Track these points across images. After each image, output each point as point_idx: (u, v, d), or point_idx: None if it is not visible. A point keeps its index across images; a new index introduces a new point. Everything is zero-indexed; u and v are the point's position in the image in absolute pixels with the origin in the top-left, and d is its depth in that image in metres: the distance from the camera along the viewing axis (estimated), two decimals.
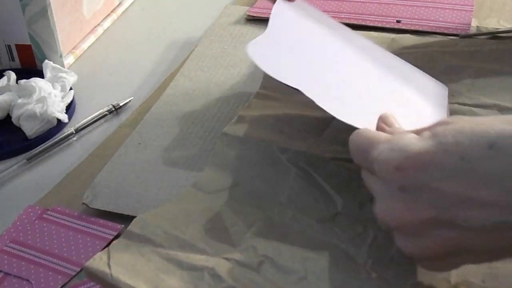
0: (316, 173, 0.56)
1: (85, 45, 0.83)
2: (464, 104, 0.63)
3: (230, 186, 0.56)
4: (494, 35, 0.74)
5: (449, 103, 0.63)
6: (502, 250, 0.42)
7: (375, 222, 0.46)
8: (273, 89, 0.65)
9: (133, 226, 0.52)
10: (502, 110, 0.62)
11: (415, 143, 0.43)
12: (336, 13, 0.80)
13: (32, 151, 0.66)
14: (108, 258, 0.49)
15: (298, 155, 0.57)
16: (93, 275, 0.48)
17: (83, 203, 0.57)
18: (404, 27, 0.77)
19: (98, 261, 0.49)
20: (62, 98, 0.71)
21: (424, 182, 0.42)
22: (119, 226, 0.55)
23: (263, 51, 0.56)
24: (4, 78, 0.72)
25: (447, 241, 0.42)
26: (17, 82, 0.71)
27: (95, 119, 0.70)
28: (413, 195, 0.42)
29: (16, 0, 0.73)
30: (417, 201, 0.42)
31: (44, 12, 0.74)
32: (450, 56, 0.70)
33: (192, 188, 0.56)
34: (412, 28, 0.77)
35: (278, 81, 0.56)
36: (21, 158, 0.65)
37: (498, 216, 0.40)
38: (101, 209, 0.57)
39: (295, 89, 0.53)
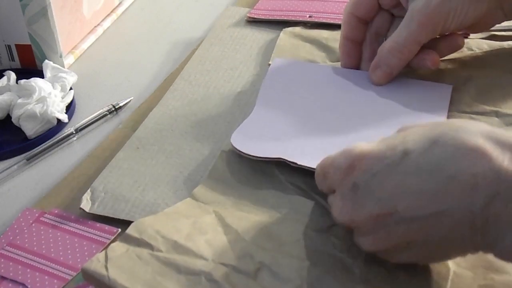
0: (313, 191, 0.56)
1: (85, 45, 0.83)
2: (463, 112, 0.63)
3: (228, 197, 0.56)
4: (492, 34, 0.74)
5: (448, 112, 0.63)
6: (444, 241, 0.45)
7: None
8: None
9: (131, 230, 0.52)
10: (501, 116, 0.62)
11: (364, 146, 0.47)
12: (336, 14, 0.80)
13: (32, 151, 0.66)
14: (106, 260, 0.49)
15: (296, 175, 0.58)
16: (90, 277, 0.49)
17: (80, 208, 0.57)
18: None
19: (95, 263, 0.49)
20: (62, 98, 0.71)
21: (371, 178, 0.46)
22: (115, 230, 0.55)
23: (246, 139, 0.61)
24: (4, 78, 0.72)
25: (395, 236, 0.46)
26: (17, 82, 0.71)
27: (95, 119, 0.70)
28: (362, 194, 0.46)
29: (16, 0, 0.73)
30: (365, 199, 0.46)
31: (44, 12, 0.74)
32: (449, 64, 0.69)
33: (190, 198, 0.56)
34: None
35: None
36: (21, 158, 0.65)
37: (433, 205, 0.44)
38: (98, 214, 0.57)
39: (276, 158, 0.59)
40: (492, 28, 0.73)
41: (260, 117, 0.64)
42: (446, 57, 0.70)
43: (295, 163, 0.58)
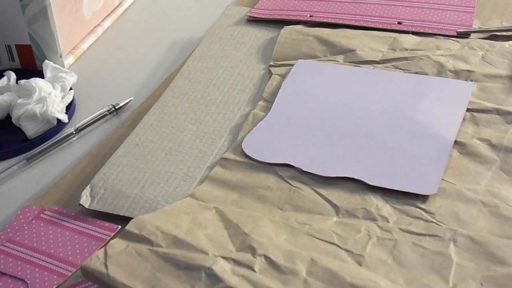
0: (314, 190, 0.56)
1: (85, 45, 0.83)
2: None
3: (228, 196, 0.56)
4: (493, 34, 0.73)
5: None
6: None
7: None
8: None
9: (130, 226, 0.52)
10: (502, 114, 0.62)
11: None
12: (337, 14, 0.80)
13: (32, 151, 0.66)
14: (105, 257, 0.49)
15: (297, 175, 0.58)
16: (90, 275, 0.49)
17: (80, 204, 0.57)
18: (405, 29, 0.77)
19: (95, 261, 0.49)
20: (62, 98, 0.71)
21: None
22: (115, 227, 0.55)
23: (257, 145, 0.61)
24: (4, 78, 0.72)
25: None
26: (17, 82, 0.71)
27: (95, 119, 0.70)
28: None
29: (16, 0, 0.73)
30: None
31: (44, 12, 0.74)
32: (450, 59, 0.69)
33: (189, 197, 0.56)
34: (413, 29, 0.76)
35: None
36: (21, 158, 0.65)
37: None
38: (98, 210, 0.57)
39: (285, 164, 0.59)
40: (493, 29, 0.74)
41: (273, 122, 0.64)
42: (447, 55, 0.70)
43: (301, 169, 0.58)
